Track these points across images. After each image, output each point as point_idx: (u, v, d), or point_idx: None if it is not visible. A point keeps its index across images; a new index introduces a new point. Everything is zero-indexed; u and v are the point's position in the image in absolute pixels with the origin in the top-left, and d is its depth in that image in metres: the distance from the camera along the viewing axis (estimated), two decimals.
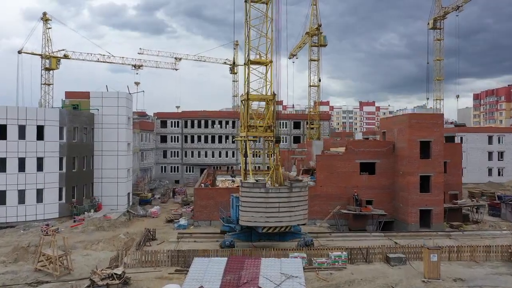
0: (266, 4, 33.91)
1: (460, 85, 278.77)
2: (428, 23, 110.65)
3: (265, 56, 33.80)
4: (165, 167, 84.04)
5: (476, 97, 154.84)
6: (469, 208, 43.68)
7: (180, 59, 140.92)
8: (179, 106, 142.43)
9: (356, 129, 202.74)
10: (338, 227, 39.09)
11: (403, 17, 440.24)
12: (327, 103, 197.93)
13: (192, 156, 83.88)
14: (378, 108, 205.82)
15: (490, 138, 79.66)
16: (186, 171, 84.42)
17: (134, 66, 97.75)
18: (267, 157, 32.48)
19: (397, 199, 39.71)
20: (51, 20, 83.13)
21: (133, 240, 33.14)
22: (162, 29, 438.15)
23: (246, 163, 31.48)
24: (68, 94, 49.25)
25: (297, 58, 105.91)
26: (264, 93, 33.36)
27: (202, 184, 44.15)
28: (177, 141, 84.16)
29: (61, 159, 41.89)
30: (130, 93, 50.55)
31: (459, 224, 39.23)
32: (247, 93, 32.50)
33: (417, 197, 37.45)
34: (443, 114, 40.91)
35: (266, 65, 33.69)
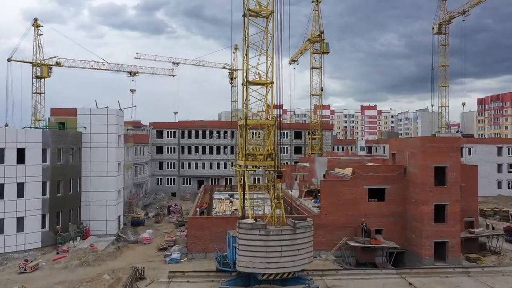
0: (267, 18, 30.73)
1: (459, 85, 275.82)
2: (433, 28, 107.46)
3: (265, 76, 30.64)
4: (161, 179, 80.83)
5: (481, 102, 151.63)
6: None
7: (178, 63, 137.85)
8: (177, 112, 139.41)
9: (357, 132, 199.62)
10: (345, 259, 35.89)
11: (403, 17, 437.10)
12: (327, 107, 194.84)
13: (189, 167, 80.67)
14: (379, 112, 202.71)
15: (499, 149, 76.50)
16: (183, 183, 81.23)
17: (130, 73, 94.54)
18: (268, 187, 29.30)
19: (409, 228, 36.49)
20: (42, 26, 79.93)
21: (118, 280, 29.92)
22: (162, 29, 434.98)
23: (244, 198, 28.29)
24: (54, 111, 46.03)
25: (298, 64, 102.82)
26: (265, 115, 30.25)
27: (198, 209, 40.97)
28: (174, 152, 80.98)
29: (44, 184, 38.68)
30: (121, 109, 47.35)
31: (477, 257, 36.04)
32: (246, 118, 29.33)
33: (431, 228, 34.25)
34: (459, 137, 37.63)
35: (266, 86, 30.55)
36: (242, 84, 32.03)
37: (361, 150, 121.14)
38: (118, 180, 45.27)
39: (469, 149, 76.22)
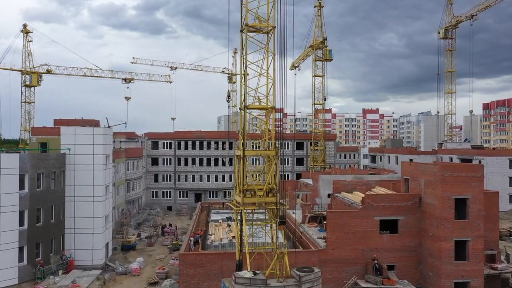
0: (267, 34, 27.14)
1: (459, 85, 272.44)
2: (439, 32, 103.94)
3: (265, 100, 27.10)
4: (156, 192, 77.27)
5: (486, 106, 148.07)
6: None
7: (176, 68, 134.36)
8: (174, 118, 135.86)
9: (359, 137, 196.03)
10: None
11: (403, 17, 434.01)
12: (329, 111, 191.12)
13: (186, 180, 77.08)
14: (382, 116, 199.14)
15: (511, 162, 72.88)
16: (180, 197, 77.67)
17: (125, 80, 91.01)
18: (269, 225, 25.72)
19: (425, 265, 32.89)
20: (31, 32, 76.36)
21: None
22: (162, 29, 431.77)
23: (241, 242, 24.71)
24: (36, 131, 42.61)
25: (299, 69, 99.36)
26: (266, 144, 26.74)
27: (191, 239, 37.33)
28: (170, 164, 77.42)
29: (21, 213, 35.09)
30: (109, 126, 43.81)
31: None
32: (243, 149, 25.77)
33: (451, 267, 30.65)
34: (482, 165, 33.83)
35: (267, 112, 27.02)
36: (240, 109, 28.67)
37: (364, 158, 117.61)
38: (105, 205, 41.69)
39: (479, 162, 72.55)
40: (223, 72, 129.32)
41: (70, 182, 39.89)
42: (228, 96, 43.17)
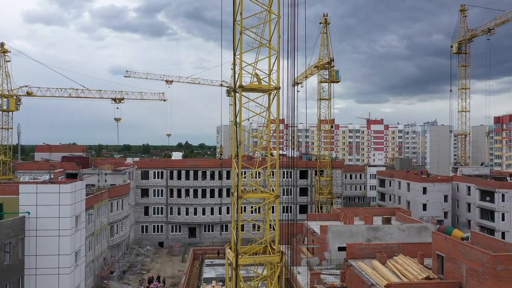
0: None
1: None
2: (452, 46, 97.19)
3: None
4: (146, 226, 70.50)
5: (497, 120, 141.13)
6: None
7: (172, 81, 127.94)
8: (170, 134, 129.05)
9: (363, 148, 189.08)
10: None
11: (403, 18, 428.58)
12: (332, 122, 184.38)
13: (179, 213, 70.26)
14: (386, 127, 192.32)
15: None
16: (172, 231, 70.90)
17: (114, 100, 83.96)
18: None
19: None
20: (9, 51, 69.65)
21: None
22: (163, 31, 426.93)
23: None
24: None
25: (302, 86, 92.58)
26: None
27: None
28: (161, 195, 70.67)
29: None
30: (82, 179, 37.03)
31: None
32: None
33: None
34: None
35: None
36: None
37: (371, 178, 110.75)
38: (75, 276, 34.85)
39: (503, 195, 65.72)
40: (221, 85, 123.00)
41: (31, 251, 33.08)
42: (221, 154, 36.71)
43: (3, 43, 69.28)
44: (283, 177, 68.49)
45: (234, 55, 22.65)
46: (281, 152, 37.80)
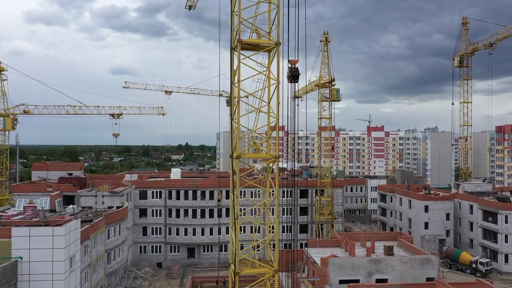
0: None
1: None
2: (453, 59, 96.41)
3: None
4: (145, 247, 69.60)
5: (499, 129, 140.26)
6: None
7: (171, 92, 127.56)
8: (169, 145, 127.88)
9: (364, 155, 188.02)
10: None
11: (403, 19, 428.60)
12: (332, 129, 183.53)
13: (178, 233, 69.37)
14: (387, 134, 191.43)
15: None
16: (171, 252, 69.99)
17: (112, 115, 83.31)
18: None
19: None
20: (6, 70, 68.82)
21: None
22: (163, 31, 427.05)
23: None
24: None
25: (302, 100, 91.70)
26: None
27: None
28: (160, 215, 69.79)
29: None
30: (75, 214, 36.17)
31: None
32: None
33: None
34: None
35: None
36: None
37: (372, 191, 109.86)
38: None
39: (506, 217, 64.80)
40: (221, 95, 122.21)
41: None
42: (219, 201, 36.03)
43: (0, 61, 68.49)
44: (283, 196, 67.74)
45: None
46: (280, 164, 37.60)
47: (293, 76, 23.65)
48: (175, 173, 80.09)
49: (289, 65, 23.39)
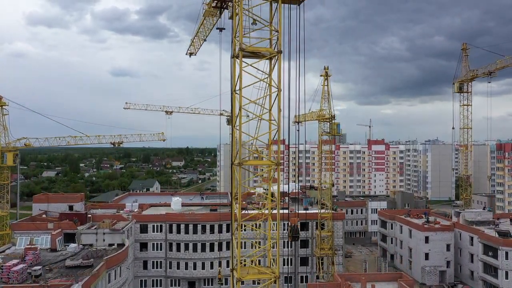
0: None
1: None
2: (453, 84, 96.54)
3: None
4: (145, 281, 69.69)
5: (499, 147, 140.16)
6: None
7: (172, 112, 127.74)
8: (170, 162, 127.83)
9: (364, 169, 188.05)
10: None
11: (404, 21, 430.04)
12: (332, 142, 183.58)
13: (178, 267, 69.47)
14: (387, 147, 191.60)
15: None
16: (171, 286, 70.10)
17: (113, 144, 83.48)
18: None
19: None
20: (7, 104, 69.06)
21: None
22: (164, 33, 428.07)
23: None
24: None
25: (302, 125, 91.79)
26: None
27: None
28: (160, 249, 69.92)
29: None
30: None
31: None
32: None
33: None
34: None
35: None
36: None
37: (372, 213, 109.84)
38: None
39: (507, 253, 64.82)
40: (221, 114, 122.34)
41: None
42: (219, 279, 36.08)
43: (1, 96, 68.73)
44: (283, 230, 67.75)
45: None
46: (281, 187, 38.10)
47: (293, 236, 27.05)
48: (176, 202, 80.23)
49: (290, 225, 25.23)
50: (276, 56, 24.50)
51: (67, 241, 62.18)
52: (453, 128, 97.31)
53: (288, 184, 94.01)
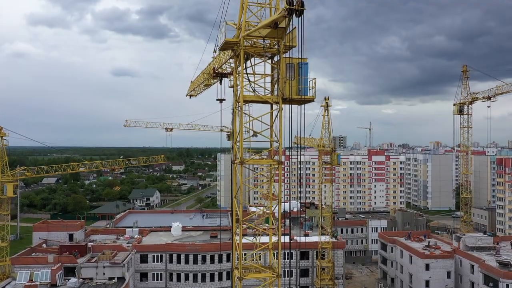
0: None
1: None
2: (454, 104, 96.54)
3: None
4: None
5: (500, 162, 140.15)
6: None
7: (172, 129, 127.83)
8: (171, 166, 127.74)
9: (364, 180, 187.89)
10: None
11: (405, 21, 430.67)
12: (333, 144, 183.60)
13: None
14: (388, 157, 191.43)
15: None
16: None
17: (113, 169, 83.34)
18: None
19: None
20: (7, 135, 68.98)
21: None
22: (165, 33, 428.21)
23: None
24: None
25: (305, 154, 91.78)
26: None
27: None
28: (161, 279, 69.93)
29: None
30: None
31: None
32: None
33: None
34: None
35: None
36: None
37: (372, 231, 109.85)
38: None
39: (507, 286, 64.69)
40: (221, 130, 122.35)
41: None
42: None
43: (1, 127, 68.64)
44: (284, 259, 67.74)
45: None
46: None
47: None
48: (176, 228, 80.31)
49: None
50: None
51: (67, 275, 62.18)
52: (453, 147, 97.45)
53: (290, 201, 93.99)
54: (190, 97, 49.50)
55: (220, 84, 29.95)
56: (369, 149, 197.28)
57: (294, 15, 16.12)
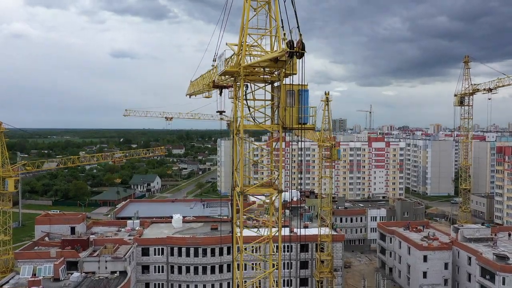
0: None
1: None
2: (455, 95, 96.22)
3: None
4: None
5: (499, 150, 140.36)
6: None
7: (172, 118, 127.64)
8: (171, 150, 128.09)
9: (364, 166, 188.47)
10: None
11: (406, 0, 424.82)
12: (333, 139, 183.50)
13: None
14: (388, 144, 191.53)
15: None
16: None
17: (114, 161, 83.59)
18: None
19: None
20: (7, 130, 68.94)
21: None
22: (164, 14, 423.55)
23: None
24: None
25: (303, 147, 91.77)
26: None
27: None
28: (162, 272, 70.86)
29: None
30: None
31: None
32: None
33: None
34: None
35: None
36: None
37: (371, 220, 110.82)
38: None
39: (504, 279, 65.66)
40: (221, 119, 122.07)
41: None
42: None
43: (1, 122, 68.61)
44: (283, 251, 68.60)
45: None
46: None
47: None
48: (177, 220, 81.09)
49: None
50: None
51: (69, 269, 63.05)
52: (455, 141, 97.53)
53: (290, 191, 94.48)
54: (190, 97, 49.23)
55: (220, 95, 29.91)
56: (369, 136, 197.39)
57: (295, 56, 16.07)
